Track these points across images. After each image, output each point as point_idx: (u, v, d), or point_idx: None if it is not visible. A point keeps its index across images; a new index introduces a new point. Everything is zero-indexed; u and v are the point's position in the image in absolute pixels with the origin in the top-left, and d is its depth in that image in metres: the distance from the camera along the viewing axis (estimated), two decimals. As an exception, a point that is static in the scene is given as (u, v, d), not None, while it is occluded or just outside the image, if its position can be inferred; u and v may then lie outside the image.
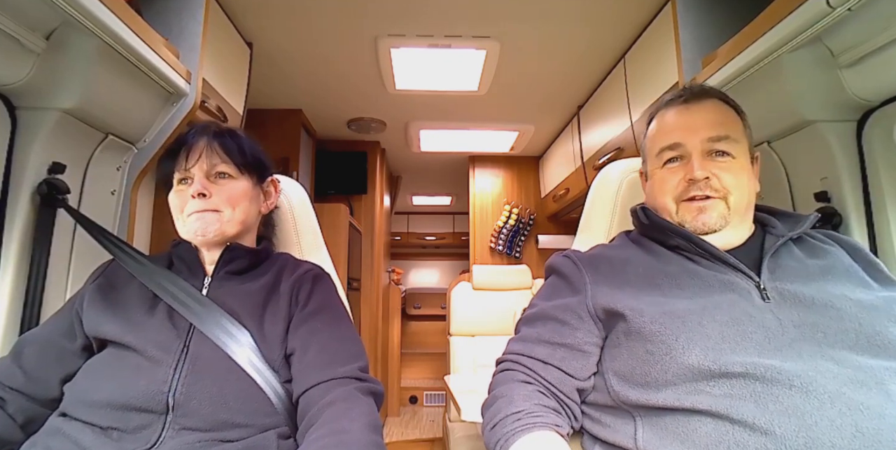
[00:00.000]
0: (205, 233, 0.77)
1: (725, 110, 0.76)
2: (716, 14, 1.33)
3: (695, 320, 0.63)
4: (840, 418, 0.51)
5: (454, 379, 1.61)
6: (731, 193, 0.72)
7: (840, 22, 0.82)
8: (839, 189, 0.94)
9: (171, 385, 0.66)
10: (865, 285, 0.67)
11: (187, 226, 0.78)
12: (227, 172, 0.80)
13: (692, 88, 0.79)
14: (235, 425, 0.66)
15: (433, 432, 3.03)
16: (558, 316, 0.72)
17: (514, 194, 3.25)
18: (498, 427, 0.63)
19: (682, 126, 0.75)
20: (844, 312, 0.62)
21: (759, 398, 0.55)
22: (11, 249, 0.88)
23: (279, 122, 2.41)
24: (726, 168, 0.72)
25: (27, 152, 0.91)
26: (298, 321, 0.76)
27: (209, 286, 0.79)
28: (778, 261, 0.71)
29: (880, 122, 0.90)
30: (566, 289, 0.76)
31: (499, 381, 0.72)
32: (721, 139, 0.72)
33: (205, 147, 0.79)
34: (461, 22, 1.64)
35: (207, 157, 0.79)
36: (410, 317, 4.71)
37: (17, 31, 0.81)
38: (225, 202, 0.79)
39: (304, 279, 0.81)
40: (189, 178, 0.79)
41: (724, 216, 0.72)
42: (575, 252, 0.81)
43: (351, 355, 0.74)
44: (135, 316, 0.74)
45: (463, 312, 2.36)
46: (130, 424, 0.65)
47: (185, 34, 1.29)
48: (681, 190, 0.74)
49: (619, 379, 0.66)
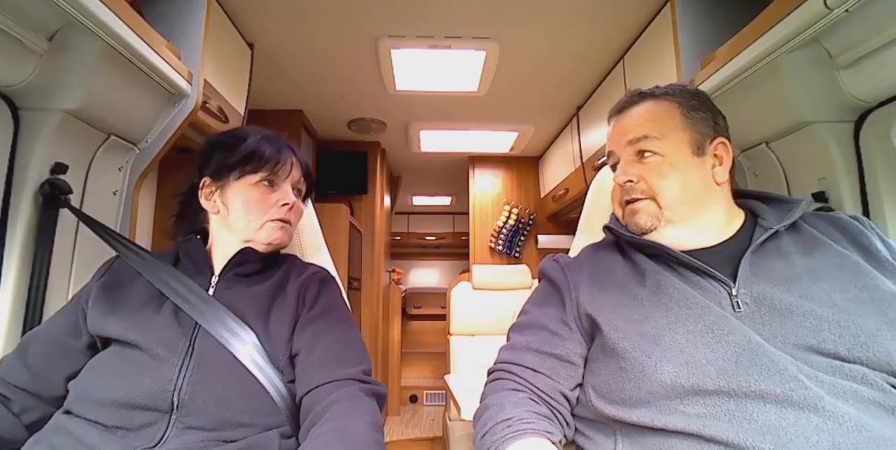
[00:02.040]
0: (280, 243, 0.83)
1: (653, 109, 0.75)
2: (714, 15, 1.34)
3: (668, 337, 0.62)
4: (816, 435, 0.50)
5: (454, 378, 1.62)
6: (658, 193, 0.72)
7: (837, 23, 0.82)
8: (837, 189, 0.95)
9: (176, 384, 0.66)
10: (858, 281, 0.62)
11: (264, 230, 0.81)
12: (302, 191, 0.89)
13: (628, 95, 0.80)
14: (239, 425, 0.66)
15: (433, 430, 3.03)
16: (548, 326, 0.72)
17: (514, 194, 3.25)
18: (489, 435, 0.62)
19: (612, 134, 0.79)
20: (823, 320, 0.59)
21: (733, 417, 0.54)
22: (14, 248, 0.89)
23: (280, 122, 2.42)
24: (652, 168, 0.72)
25: (30, 153, 0.91)
26: (305, 322, 0.76)
27: (216, 286, 0.79)
28: (761, 261, 0.67)
29: (877, 122, 0.90)
30: (555, 296, 0.76)
31: (490, 390, 0.72)
32: (639, 140, 0.73)
33: (292, 158, 0.84)
34: (461, 23, 1.64)
35: (297, 170, 0.85)
36: (411, 316, 4.71)
37: (20, 33, 0.81)
38: (296, 218, 0.86)
39: (311, 281, 0.82)
40: (275, 184, 0.82)
41: (656, 216, 0.72)
42: (563, 257, 0.82)
43: (355, 357, 0.74)
44: (140, 314, 0.74)
45: (463, 312, 2.37)
46: (134, 422, 0.65)
47: (186, 35, 1.30)
48: (619, 195, 0.76)
49: (597, 394, 0.66)
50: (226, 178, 0.81)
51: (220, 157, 0.82)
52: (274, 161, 0.82)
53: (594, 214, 0.97)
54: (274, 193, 0.82)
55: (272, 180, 0.82)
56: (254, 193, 0.81)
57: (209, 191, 0.84)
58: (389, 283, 3.58)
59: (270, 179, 0.82)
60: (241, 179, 0.81)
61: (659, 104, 0.76)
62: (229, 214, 0.81)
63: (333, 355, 0.72)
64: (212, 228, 0.85)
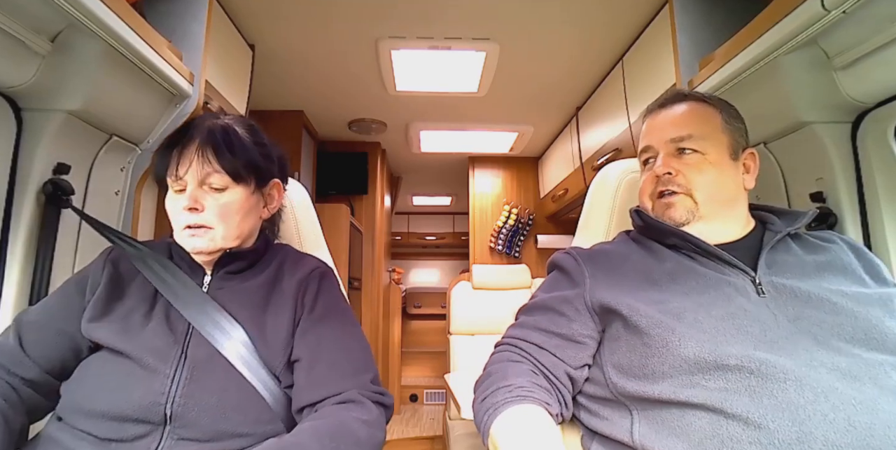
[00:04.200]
0: (199, 251, 0.74)
1: (700, 110, 0.79)
2: (712, 17, 1.34)
3: (690, 316, 0.64)
4: (833, 413, 0.52)
5: (454, 377, 1.62)
6: (695, 189, 0.74)
7: (835, 24, 0.83)
8: (834, 189, 0.95)
9: (169, 396, 0.64)
10: (862, 282, 0.69)
11: (182, 240, 0.74)
12: (220, 184, 0.73)
13: (671, 93, 0.83)
14: (235, 435, 0.65)
15: (433, 429, 3.04)
16: (556, 307, 0.74)
17: (514, 195, 3.26)
18: (489, 398, 0.65)
19: (652, 129, 0.81)
20: (840, 307, 0.63)
21: (754, 392, 0.56)
22: (17, 248, 0.90)
23: (281, 123, 2.42)
24: (692, 164, 0.75)
25: (32, 153, 0.92)
26: (305, 327, 0.74)
27: (209, 285, 0.77)
28: (775, 256, 0.72)
29: (874, 123, 0.91)
30: (566, 282, 0.78)
31: (494, 360, 0.74)
32: (684, 138, 0.76)
33: (196, 152, 0.72)
34: (461, 24, 1.65)
35: (199, 164, 0.71)
36: (411, 316, 4.72)
37: (23, 34, 0.82)
38: (217, 218, 0.72)
39: (309, 280, 0.79)
40: (182, 186, 0.73)
41: (691, 211, 0.74)
42: (576, 249, 0.83)
43: (359, 367, 0.73)
44: (131, 319, 0.72)
45: (463, 312, 2.37)
46: (127, 434, 0.63)
47: (188, 36, 1.30)
48: (652, 187, 0.78)
49: (618, 371, 0.67)
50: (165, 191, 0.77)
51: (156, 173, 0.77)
52: (175, 158, 0.72)
53: (593, 214, 0.97)
54: (181, 197, 0.72)
55: (178, 183, 0.73)
56: (170, 202, 0.74)
57: None
58: (390, 282, 3.58)
59: (179, 183, 0.73)
60: (169, 191, 0.75)
61: (701, 106, 0.79)
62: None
63: (338, 369, 0.71)
64: None
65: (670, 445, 0.57)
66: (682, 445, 0.56)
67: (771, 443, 0.52)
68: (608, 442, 0.66)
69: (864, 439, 0.50)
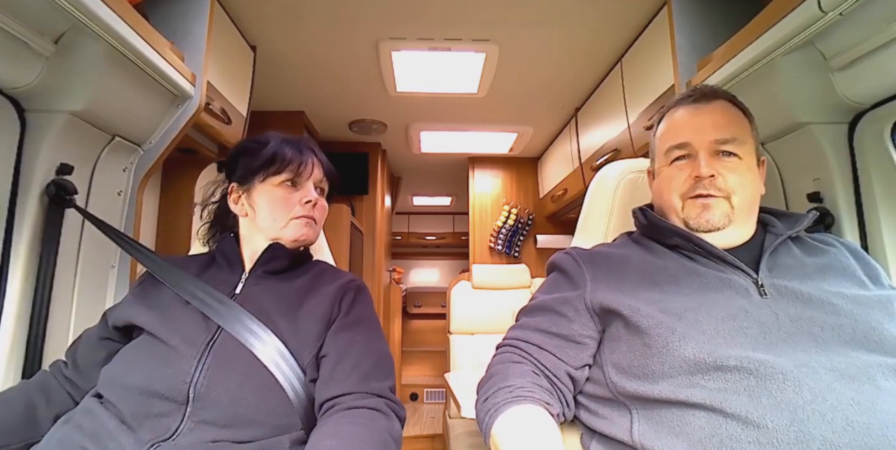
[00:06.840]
0: (307, 239, 0.86)
1: (734, 112, 0.78)
2: (711, 18, 1.35)
3: (691, 317, 0.64)
4: (831, 413, 0.52)
5: (454, 376, 1.63)
6: (734, 193, 0.73)
7: (832, 26, 0.84)
8: (831, 190, 0.96)
9: (194, 377, 0.69)
10: (862, 285, 0.69)
11: (290, 228, 0.84)
12: (324, 190, 0.92)
13: (702, 89, 0.80)
14: (252, 422, 0.67)
15: (433, 428, 3.04)
16: (556, 308, 0.75)
17: (513, 195, 3.26)
18: (491, 398, 0.65)
19: (690, 126, 0.77)
20: (840, 309, 0.63)
21: (753, 392, 0.56)
22: (20, 248, 0.90)
23: (282, 123, 2.43)
24: (732, 168, 0.73)
25: (36, 154, 0.93)
26: (339, 327, 0.78)
27: (245, 282, 0.82)
28: (776, 259, 0.72)
29: (871, 124, 0.92)
30: (566, 283, 0.78)
31: (495, 362, 0.75)
32: (728, 141, 0.74)
33: (315, 163, 0.88)
34: (461, 25, 1.66)
35: (317, 171, 0.88)
36: (411, 315, 4.73)
37: (27, 36, 0.82)
38: (320, 215, 0.89)
39: (349, 287, 0.84)
40: (298, 184, 0.86)
41: (728, 215, 0.73)
42: (576, 249, 0.83)
43: (383, 372, 0.76)
44: (170, 310, 0.77)
45: (463, 311, 2.38)
46: (153, 410, 0.67)
47: (189, 38, 1.31)
48: (687, 187, 0.75)
49: (618, 371, 0.68)
50: (251, 181, 0.86)
51: (245, 162, 0.87)
52: (296, 162, 0.85)
53: (593, 214, 0.98)
54: (297, 193, 0.85)
55: (295, 181, 0.86)
56: (278, 193, 0.85)
57: (237, 195, 0.88)
58: (390, 282, 3.59)
59: (293, 180, 0.86)
60: (266, 181, 0.85)
61: (734, 109, 0.78)
62: (256, 215, 0.85)
63: (363, 369, 0.74)
64: (242, 231, 0.89)
65: (669, 444, 0.58)
66: (682, 444, 0.57)
67: (770, 442, 0.52)
68: (608, 441, 0.66)
69: (861, 439, 0.51)
